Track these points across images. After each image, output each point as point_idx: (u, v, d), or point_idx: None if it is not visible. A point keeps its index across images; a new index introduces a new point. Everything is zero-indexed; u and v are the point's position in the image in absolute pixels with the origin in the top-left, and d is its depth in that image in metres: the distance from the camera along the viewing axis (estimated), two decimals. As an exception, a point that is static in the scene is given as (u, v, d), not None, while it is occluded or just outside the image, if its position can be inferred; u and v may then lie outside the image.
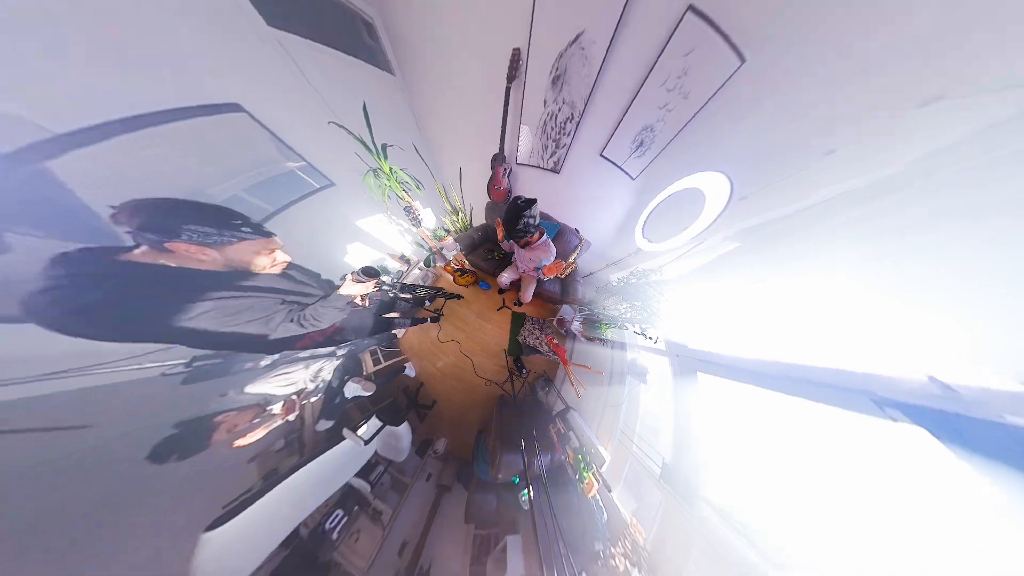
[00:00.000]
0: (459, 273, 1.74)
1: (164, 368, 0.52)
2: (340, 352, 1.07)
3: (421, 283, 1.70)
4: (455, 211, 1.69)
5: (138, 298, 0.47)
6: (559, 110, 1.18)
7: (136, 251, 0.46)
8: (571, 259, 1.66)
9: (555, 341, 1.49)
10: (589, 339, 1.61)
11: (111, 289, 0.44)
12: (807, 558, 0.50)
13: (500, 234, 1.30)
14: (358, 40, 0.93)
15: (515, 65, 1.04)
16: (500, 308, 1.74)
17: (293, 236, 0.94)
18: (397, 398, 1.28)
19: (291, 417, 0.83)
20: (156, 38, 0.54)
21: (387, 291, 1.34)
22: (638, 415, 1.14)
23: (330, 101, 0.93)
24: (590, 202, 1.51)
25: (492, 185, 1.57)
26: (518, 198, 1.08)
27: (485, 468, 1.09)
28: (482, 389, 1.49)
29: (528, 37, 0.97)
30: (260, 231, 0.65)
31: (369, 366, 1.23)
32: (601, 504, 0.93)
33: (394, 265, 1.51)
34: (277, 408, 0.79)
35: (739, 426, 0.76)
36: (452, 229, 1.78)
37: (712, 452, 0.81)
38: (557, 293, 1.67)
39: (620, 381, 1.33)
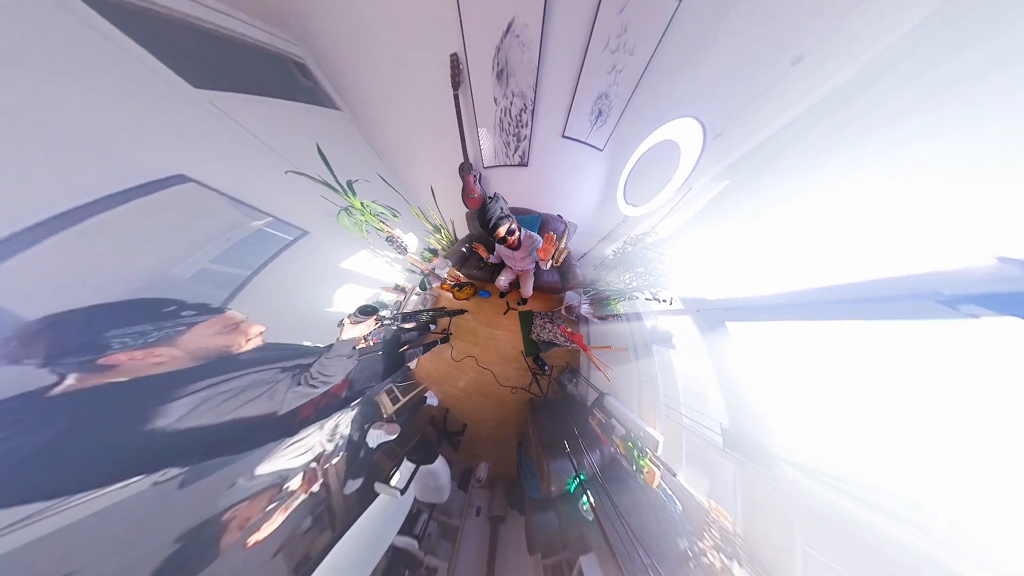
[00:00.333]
0: (457, 288, 1.68)
1: (155, 477, 0.43)
2: (354, 402, 0.99)
3: (422, 308, 1.64)
4: (437, 229, 1.65)
5: (96, 432, 0.38)
6: (511, 104, 1.15)
7: (67, 381, 0.36)
8: (561, 245, 1.60)
9: (568, 329, 1.42)
10: (602, 319, 1.54)
11: (57, 437, 0.34)
12: (923, 498, 0.41)
13: (484, 253, 1.26)
14: (294, 83, 0.90)
15: (456, 71, 1.01)
16: (506, 312, 1.67)
17: (280, 292, 0.89)
18: (425, 432, 1.19)
19: (314, 488, 0.73)
20: (69, 122, 0.50)
21: (389, 325, 1.27)
22: (677, 384, 1.05)
23: (281, 150, 0.89)
24: (565, 185, 1.47)
25: (466, 195, 1.53)
26: (485, 198, 1.04)
27: (535, 483, 0.99)
28: (510, 398, 1.41)
29: (462, 39, 0.94)
30: (206, 309, 0.58)
31: (388, 407, 1.15)
32: (670, 492, 0.82)
33: (390, 297, 1.45)
34: (296, 483, 0.69)
35: (791, 367, 0.67)
36: (439, 247, 1.74)
37: (770, 403, 0.71)
38: (558, 282, 1.61)
39: (647, 353, 1.25)
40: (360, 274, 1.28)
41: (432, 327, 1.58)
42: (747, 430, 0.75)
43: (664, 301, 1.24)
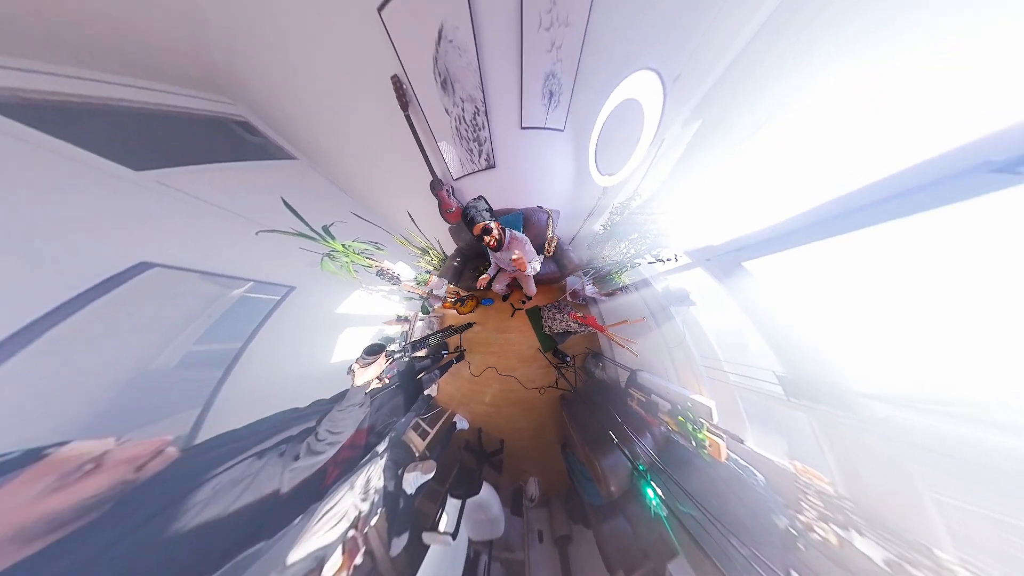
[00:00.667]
0: (459, 303, 1.63)
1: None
2: (381, 448, 0.91)
3: (429, 331, 1.58)
4: (425, 251, 1.61)
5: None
6: (463, 111, 1.12)
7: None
8: (549, 234, 1.55)
9: (579, 314, 1.35)
10: (609, 295, 1.47)
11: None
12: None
13: (483, 282, 1.21)
14: (241, 143, 0.87)
15: (401, 92, 0.99)
16: (513, 314, 1.61)
17: (279, 354, 0.83)
18: (462, 460, 1.10)
19: (358, 561, 0.64)
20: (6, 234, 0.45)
21: (400, 358, 1.21)
22: (709, 341, 0.96)
23: (246, 212, 0.86)
24: (537, 175, 1.43)
25: (443, 211, 1.50)
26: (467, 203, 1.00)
27: (592, 487, 0.89)
28: (540, 400, 1.32)
29: (398, 59, 0.91)
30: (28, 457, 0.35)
31: (418, 443, 1.07)
32: (744, 463, 0.69)
33: (395, 330, 1.40)
34: (336, 561, 0.60)
35: (837, 290, 0.55)
36: (431, 268, 1.69)
37: (824, 335, 0.59)
38: (555, 272, 1.55)
39: (667, 317, 1.17)
40: (359, 315, 1.23)
41: (445, 350, 1.52)
42: (807, 371, 0.64)
43: (668, 260, 1.17)
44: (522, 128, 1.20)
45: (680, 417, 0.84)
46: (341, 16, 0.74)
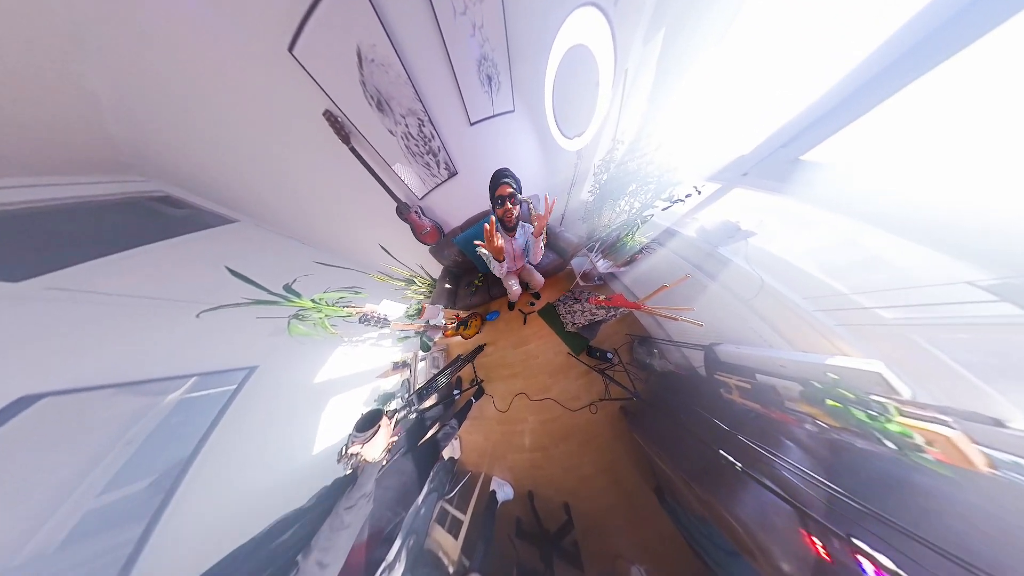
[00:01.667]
0: (462, 327, 1.38)
1: None
2: (390, 556, 0.56)
3: (436, 371, 1.31)
4: (410, 281, 1.43)
5: None
6: (407, 127, 1.05)
7: None
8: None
9: (600, 297, 1.06)
10: (628, 263, 1.19)
11: None
12: None
13: (495, 242, 0.97)
14: (164, 219, 0.77)
15: (338, 125, 0.91)
16: (525, 320, 1.33)
17: (239, 460, 0.59)
18: (520, 558, 0.65)
19: None
20: None
21: (407, 415, 0.94)
22: (807, 272, 0.62)
23: (181, 295, 0.71)
24: (502, 166, 1.31)
25: (418, 233, 1.36)
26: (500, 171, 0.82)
27: (740, 562, 0.44)
28: (595, 421, 0.93)
29: (324, 93, 0.85)
30: None
31: (449, 546, 0.66)
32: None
33: (393, 381, 1.14)
34: None
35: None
36: (421, 298, 1.49)
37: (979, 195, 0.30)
38: (556, 260, 1.31)
39: (719, 262, 0.86)
40: (345, 376, 1.00)
41: (458, 389, 1.22)
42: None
43: (687, 197, 0.92)
44: (472, 124, 1.11)
45: (831, 401, 0.45)
46: (252, 65, 0.68)
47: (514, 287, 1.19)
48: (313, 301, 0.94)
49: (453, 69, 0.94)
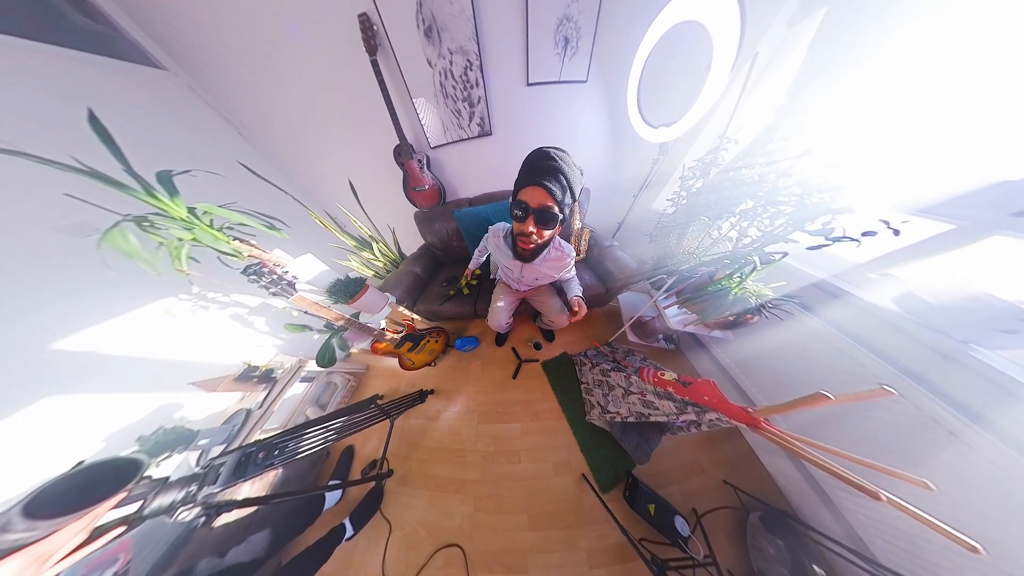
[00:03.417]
0: (410, 345, 0.78)
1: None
2: None
3: (319, 413, 0.62)
4: (364, 244, 0.94)
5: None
6: (451, 64, 0.81)
7: None
8: (576, 225, 0.92)
9: (667, 376, 0.43)
10: (732, 326, 0.60)
11: None
12: None
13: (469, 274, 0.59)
14: (63, 22, 0.45)
15: (370, 32, 0.68)
16: (517, 372, 0.71)
17: None
18: None
19: None
20: None
21: (177, 512, 0.26)
22: None
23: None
24: (550, 142, 0.96)
25: (410, 188, 0.98)
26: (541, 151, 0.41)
27: None
28: None
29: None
30: None
31: None
32: None
33: (223, 402, 0.51)
34: None
35: None
36: (368, 272, 0.98)
37: None
38: (596, 286, 0.80)
39: (981, 380, 0.26)
40: (133, 359, 0.42)
41: (335, 483, 0.50)
42: None
43: (867, 235, 0.39)
44: (529, 85, 0.84)
45: None
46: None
47: (503, 318, 0.67)
48: (190, 210, 0.48)
49: (527, 20, 0.75)
